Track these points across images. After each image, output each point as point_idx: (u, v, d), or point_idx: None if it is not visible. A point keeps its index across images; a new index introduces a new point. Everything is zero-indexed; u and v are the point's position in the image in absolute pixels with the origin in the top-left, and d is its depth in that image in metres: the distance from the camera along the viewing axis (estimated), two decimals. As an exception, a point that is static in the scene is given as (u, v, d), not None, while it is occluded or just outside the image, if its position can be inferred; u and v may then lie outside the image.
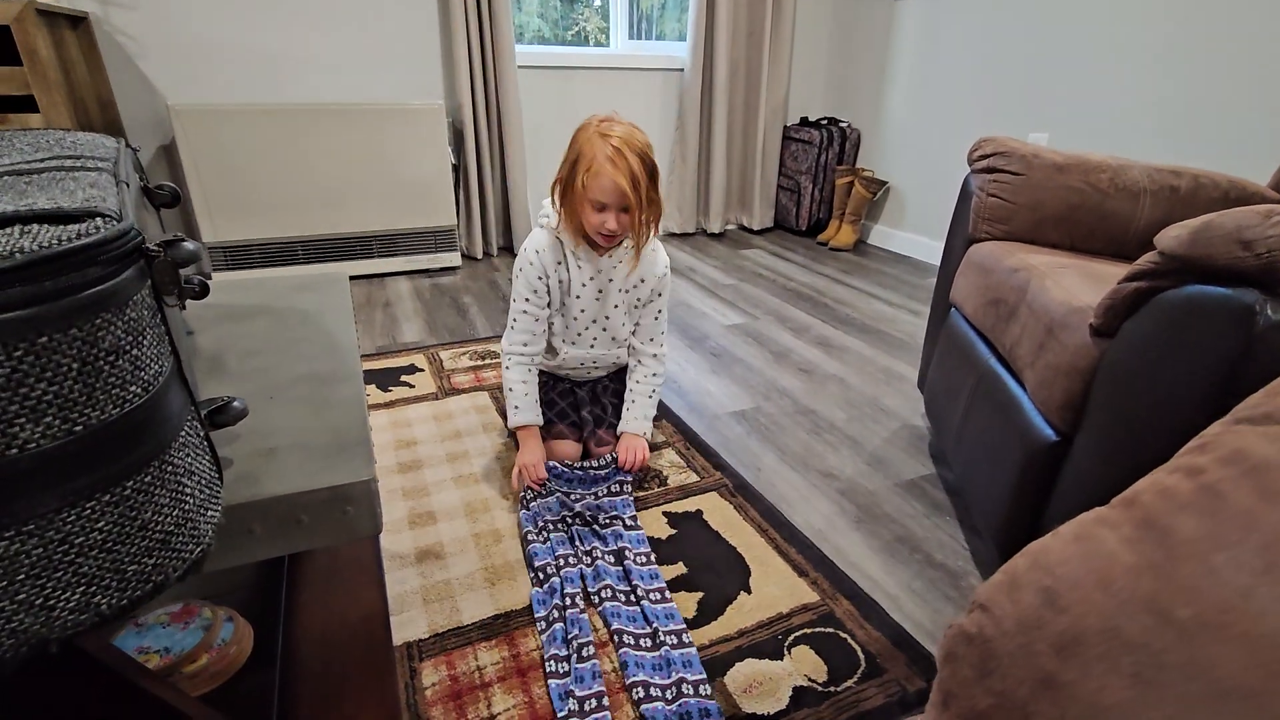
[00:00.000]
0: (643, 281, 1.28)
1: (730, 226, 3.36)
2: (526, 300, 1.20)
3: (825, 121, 3.17)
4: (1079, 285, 0.98)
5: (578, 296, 1.25)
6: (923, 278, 2.67)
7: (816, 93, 3.31)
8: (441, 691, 0.86)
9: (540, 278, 1.19)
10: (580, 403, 1.38)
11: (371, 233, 2.40)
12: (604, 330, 1.31)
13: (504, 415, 1.42)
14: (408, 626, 0.96)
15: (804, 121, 3.22)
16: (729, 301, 2.36)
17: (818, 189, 3.16)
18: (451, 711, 0.83)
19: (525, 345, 1.23)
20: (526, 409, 1.24)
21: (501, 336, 1.39)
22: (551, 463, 1.24)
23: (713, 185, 3.12)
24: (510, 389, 1.24)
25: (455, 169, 2.55)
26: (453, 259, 2.56)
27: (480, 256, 2.71)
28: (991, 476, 1.05)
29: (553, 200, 1.17)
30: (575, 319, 1.28)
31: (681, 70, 2.95)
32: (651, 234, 1.22)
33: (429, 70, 2.51)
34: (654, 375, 1.32)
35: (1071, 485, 0.88)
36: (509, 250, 2.81)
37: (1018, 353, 1.03)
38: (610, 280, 1.25)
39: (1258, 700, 0.19)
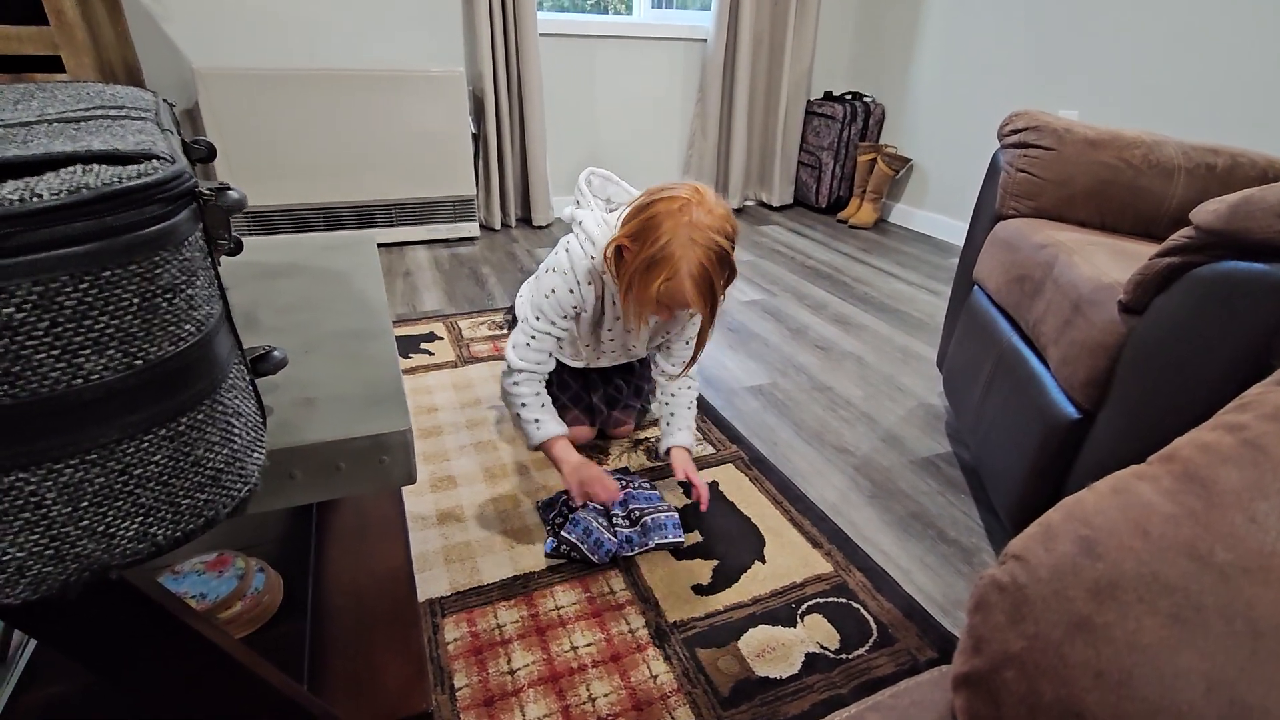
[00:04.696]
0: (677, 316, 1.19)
1: (749, 203, 3.32)
2: (552, 324, 1.09)
3: (849, 96, 3.11)
4: (1108, 262, 0.96)
5: (609, 330, 1.19)
6: (943, 258, 2.64)
7: (841, 66, 3.24)
8: (463, 646, 0.88)
9: (575, 307, 1.11)
10: (592, 384, 1.32)
11: (391, 201, 2.40)
12: (626, 350, 1.25)
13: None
14: (430, 584, 0.98)
15: (827, 95, 3.16)
16: (747, 277, 2.34)
17: (839, 165, 3.11)
18: (473, 665, 0.86)
19: (539, 364, 1.10)
20: (550, 419, 1.10)
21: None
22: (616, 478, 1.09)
23: (733, 160, 3.08)
24: (524, 403, 1.09)
25: (475, 138, 2.53)
26: (471, 229, 2.56)
27: (499, 227, 2.71)
28: (1009, 454, 1.05)
29: (605, 259, 1.04)
30: (595, 345, 1.23)
31: (704, 41, 2.90)
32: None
33: (450, 37, 2.48)
34: (689, 388, 1.22)
35: (1092, 462, 0.88)
36: (527, 222, 2.80)
37: (1041, 330, 1.02)
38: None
39: (1297, 637, 0.20)
